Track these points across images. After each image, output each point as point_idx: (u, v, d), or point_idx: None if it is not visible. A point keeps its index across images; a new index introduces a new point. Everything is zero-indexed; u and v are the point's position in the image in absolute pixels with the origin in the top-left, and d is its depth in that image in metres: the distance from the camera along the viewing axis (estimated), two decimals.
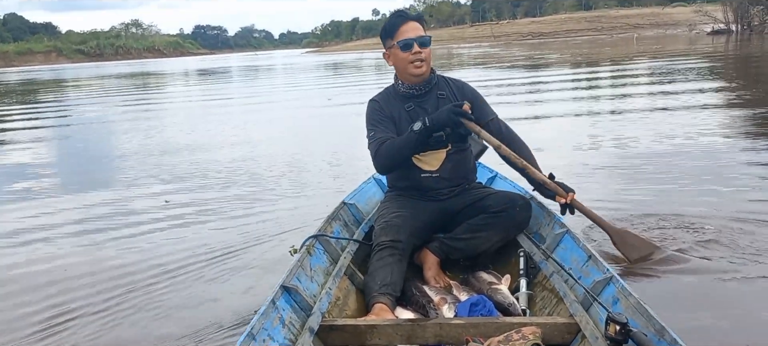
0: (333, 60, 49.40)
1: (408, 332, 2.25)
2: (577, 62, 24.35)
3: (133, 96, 22.71)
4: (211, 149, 8.85)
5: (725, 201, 4.49)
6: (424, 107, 3.04)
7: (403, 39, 2.96)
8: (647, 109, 9.67)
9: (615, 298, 2.21)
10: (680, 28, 55.11)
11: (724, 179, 5.14)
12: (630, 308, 2.08)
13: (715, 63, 19.02)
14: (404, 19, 3.01)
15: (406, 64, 2.99)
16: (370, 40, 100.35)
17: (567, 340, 2.20)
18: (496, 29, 76.15)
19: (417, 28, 2.98)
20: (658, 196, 4.79)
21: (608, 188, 5.12)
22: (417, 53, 2.96)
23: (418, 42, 2.96)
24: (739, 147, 6.42)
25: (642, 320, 1.97)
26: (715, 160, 5.84)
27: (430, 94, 3.08)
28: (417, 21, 3.02)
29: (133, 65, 75.41)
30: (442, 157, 3.03)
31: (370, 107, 3.13)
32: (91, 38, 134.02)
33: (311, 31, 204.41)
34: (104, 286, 3.71)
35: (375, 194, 3.72)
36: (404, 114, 3.05)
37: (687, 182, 5.15)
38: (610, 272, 2.33)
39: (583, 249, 2.64)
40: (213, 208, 5.41)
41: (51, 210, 5.77)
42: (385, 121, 3.05)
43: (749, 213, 4.14)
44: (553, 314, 2.44)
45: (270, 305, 2.16)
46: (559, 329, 2.21)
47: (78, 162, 8.72)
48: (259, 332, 2.01)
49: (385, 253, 2.78)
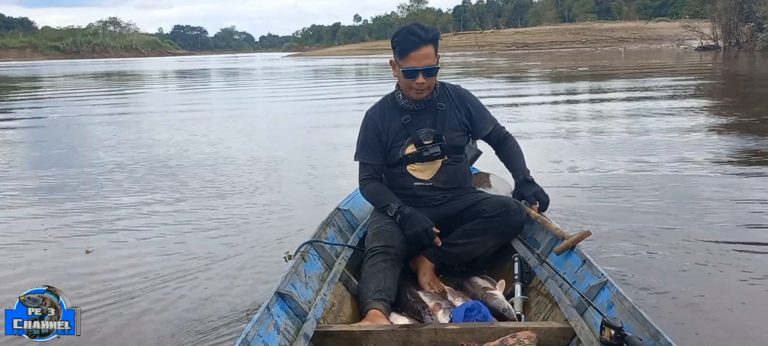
0: (316, 65, 48.33)
1: (403, 337, 2.27)
2: (592, 76, 23.45)
3: (101, 101, 21.67)
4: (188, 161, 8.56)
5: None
6: (422, 120, 2.99)
7: (409, 67, 2.84)
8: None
9: (610, 302, 2.21)
10: (664, 43, 55.28)
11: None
12: (625, 312, 2.09)
13: (726, 82, 18.72)
14: (416, 43, 2.82)
15: (408, 87, 2.93)
16: (352, 46, 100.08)
17: (562, 345, 2.22)
18: (480, 39, 75.86)
19: (427, 56, 2.84)
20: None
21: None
22: (421, 83, 2.87)
23: (424, 73, 2.85)
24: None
25: (637, 325, 1.99)
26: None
27: (428, 109, 3.01)
28: (431, 44, 2.85)
29: (110, 64, 74.35)
30: (437, 167, 3.02)
31: (365, 123, 3.10)
32: (68, 35, 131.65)
33: (292, 35, 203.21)
34: (87, 299, 3.52)
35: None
36: (400, 126, 3.00)
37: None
38: (604, 277, 2.34)
39: (578, 254, 2.64)
40: (191, 218, 5.27)
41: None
42: (373, 145, 3.04)
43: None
44: (548, 319, 2.45)
45: (265, 312, 2.16)
46: (554, 333, 2.23)
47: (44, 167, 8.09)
48: (254, 338, 2.00)
49: (378, 259, 2.77)
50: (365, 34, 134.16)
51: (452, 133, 3.01)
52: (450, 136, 3.00)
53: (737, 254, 3.89)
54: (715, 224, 4.49)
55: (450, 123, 3.00)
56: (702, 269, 3.66)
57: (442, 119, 2.97)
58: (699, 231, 4.32)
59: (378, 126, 3.03)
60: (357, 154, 3.10)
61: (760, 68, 24.78)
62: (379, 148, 3.03)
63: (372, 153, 3.04)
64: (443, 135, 2.98)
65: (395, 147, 3.01)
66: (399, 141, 2.99)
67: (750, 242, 4.10)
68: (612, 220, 4.62)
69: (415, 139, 2.98)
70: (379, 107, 3.10)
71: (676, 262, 3.78)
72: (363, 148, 3.07)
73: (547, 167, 6.50)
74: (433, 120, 2.98)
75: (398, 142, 3.00)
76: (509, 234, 2.99)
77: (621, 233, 4.31)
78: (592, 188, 5.70)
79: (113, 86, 28.28)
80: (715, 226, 4.46)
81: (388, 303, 2.62)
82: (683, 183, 5.79)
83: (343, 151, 7.51)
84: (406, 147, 3.00)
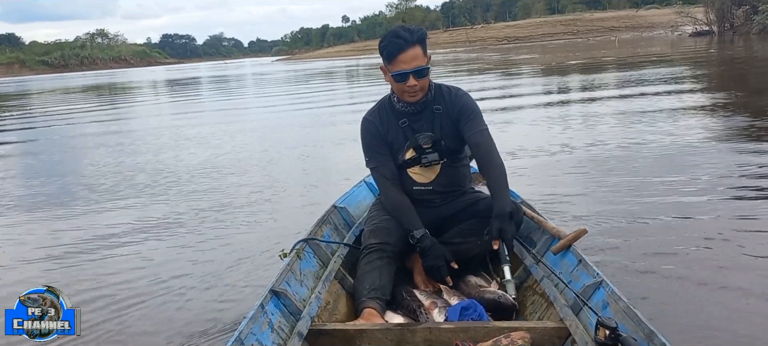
0: (307, 69, 47.86)
1: (398, 336, 2.26)
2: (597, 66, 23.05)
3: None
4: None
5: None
6: (420, 124, 2.92)
7: (398, 70, 2.75)
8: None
9: (605, 302, 2.20)
10: (656, 30, 55.12)
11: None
12: (619, 312, 2.08)
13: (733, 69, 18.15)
14: (402, 46, 2.73)
15: (400, 91, 2.85)
16: (341, 47, 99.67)
17: (557, 344, 2.21)
18: (471, 34, 75.64)
19: (415, 57, 2.74)
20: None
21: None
22: (412, 86, 2.78)
23: (414, 75, 2.75)
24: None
25: (631, 325, 1.98)
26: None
27: (425, 112, 2.92)
28: (418, 45, 2.75)
29: (99, 76, 74.27)
30: (437, 170, 2.96)
31: (364, 128, 3.01)
32: (56, 49, 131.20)
33: (281, 39, 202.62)
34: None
35: (366, 197, 3.70)
36: (399, 130, 2.94)
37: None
38: (600, 277, 2.33)
39: (574, 253, 2.64)
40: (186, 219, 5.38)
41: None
42: (379, 146, 2.96)
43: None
44: (543, 319, 2.45)
45: (259, 310, 2.14)
46: (548, 333, 2.22)
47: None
48: (248, 336, 1.99)
49: (374, 256, 2.77)
50: (354, 34, 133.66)
51: (450, 136, 2.92)
52: (448, 139, 2.91)
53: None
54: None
55: (447, 126, 2.91)
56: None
57: (439, 123, 2.89)
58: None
59: (378, 129, 2.96)
60: (368, 162, 3.03)
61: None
62: (386, 149, 2.97)
63: (381, 154, 2.96)
64: (442, 139, 2.90)
65: (395, 152, 2.97)
66: (398, 145, 2.94)
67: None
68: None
69: (415, 143, 2.91)
70: (377, 111, 3.02)
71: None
72: (370, 153, 2.98)
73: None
74: (430, 124, 2.90)
75: (397, 146, 2.95)
76: None
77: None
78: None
79: (106, 99, 28.22)
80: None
81: (383, 302, 2.60)
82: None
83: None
84: (406, 152, 2.94)
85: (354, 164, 5.59)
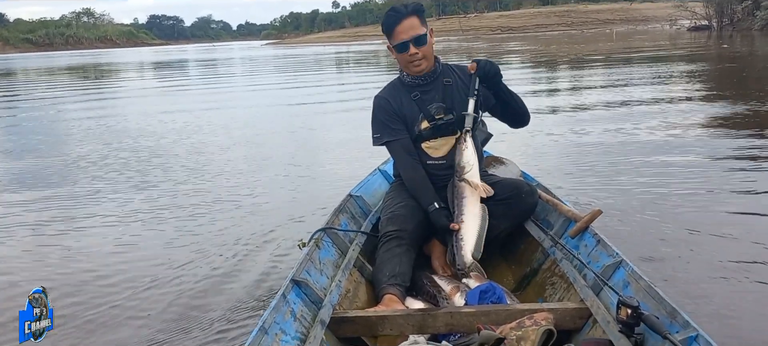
0: (297, 54, 47.01)
1: (419, 321, 2.25)
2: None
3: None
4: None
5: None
6: (430, 95, 2.97)
7: (398, 42, 2.89)
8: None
9: (625, 282, 2.20)
10: (650, 23, 54.77)
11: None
12: (641, 291, 2.07)
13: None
14: (397, 18, 2.88)
15: (405, 63, 2.93)
16: (332, 33, 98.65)
17: (578, 325, 2.21)
18: (465, 23, 74.95)
19: (413, 26, 2.87)
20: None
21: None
22: (414, 54, 2.88)
23: (413, 43, 2.87)
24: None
25: (653, 303, 1.97)
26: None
27: (435, 83, 2.99)
28: (414, 15, 2.88)
29: (84, 56, 73.32)
30: (451, 143, 2.98)
31: (377, 105, 3.05)
32: (40, 27, 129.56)
33: (270, 23, 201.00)
34: (90, 294, 3.50)
35: (381, 185, 3.70)
36: (412, 103, 2.99)
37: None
38: (619, 256, 2.33)
39: (592, 234, 2.63)
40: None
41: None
42: (394, 121, 2.99)
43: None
44: (563, 300, 2.44)
45: (281, 299, 2.15)
46: (570, 314, 2.22)
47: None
48: (271, 325, 1.99)
49: (393, 243, 2.78)
50: (344, 20, 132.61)
51: (461, 109, 2.95)
52: (459, 111, 2.94)
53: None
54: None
55: (459, 97, 2.97)
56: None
57: (450, 93, 2.96)
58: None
59: (392, 104, 3.01)
60: (379, 139, 3.04)
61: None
62: (401, 124, 2.99)
63: (398, 129, 2.99)
64: (454, 109, 2.94)
65: (410, 125, 3.00)
66: (413, 117, 2.98)
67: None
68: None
69: (427, 114, 2.95)
70: (389, 88, 3.09)
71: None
72: (384, 128, 3.01)
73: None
74: (441, 95, 2.97)
75: (412, 118, 2.99)
76: (521, 216, 2.99)
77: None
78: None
79: (92, 80, 27.55)
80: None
81: (403, 288, 2.62)
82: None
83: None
84: (421, 123, 2.97)
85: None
